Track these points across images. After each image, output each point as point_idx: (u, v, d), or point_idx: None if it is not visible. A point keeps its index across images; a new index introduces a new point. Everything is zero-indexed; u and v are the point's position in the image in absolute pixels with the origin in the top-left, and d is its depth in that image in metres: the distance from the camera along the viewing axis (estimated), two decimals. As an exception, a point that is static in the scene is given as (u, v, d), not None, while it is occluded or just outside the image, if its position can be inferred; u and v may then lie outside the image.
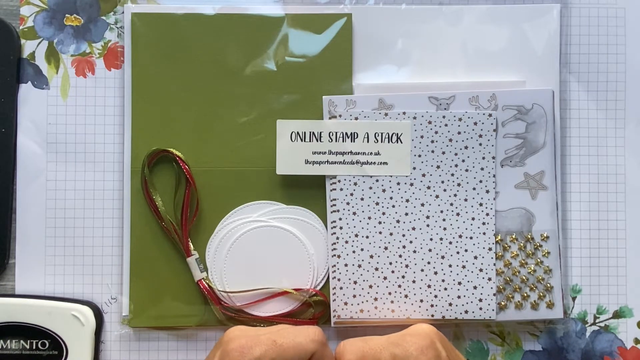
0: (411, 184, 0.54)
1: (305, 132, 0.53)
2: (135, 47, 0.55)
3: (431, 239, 0.54)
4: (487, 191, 0.54)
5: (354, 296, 0.53)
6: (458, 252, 0.54)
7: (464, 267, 0.54)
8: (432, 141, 0.54)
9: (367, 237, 0.54)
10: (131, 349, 0.55)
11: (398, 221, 0.54)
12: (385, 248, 0.53)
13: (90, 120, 0.55)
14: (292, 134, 0.53)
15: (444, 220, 0.54)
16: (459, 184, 0.54)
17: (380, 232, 0.54)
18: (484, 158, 0.54)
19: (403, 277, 0.53)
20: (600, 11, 0.56)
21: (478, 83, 0.55)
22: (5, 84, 0.55)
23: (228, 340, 0.43)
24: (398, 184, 0.54)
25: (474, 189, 0.54)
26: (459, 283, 0.53)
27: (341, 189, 0.54)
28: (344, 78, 0.55)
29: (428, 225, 0.54)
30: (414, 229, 0.54)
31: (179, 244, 0.54)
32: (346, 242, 0.54)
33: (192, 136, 0.55)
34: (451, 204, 0.54)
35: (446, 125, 0.53)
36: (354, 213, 0.54)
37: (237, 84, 0.55)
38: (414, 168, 0.54)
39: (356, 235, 0.54)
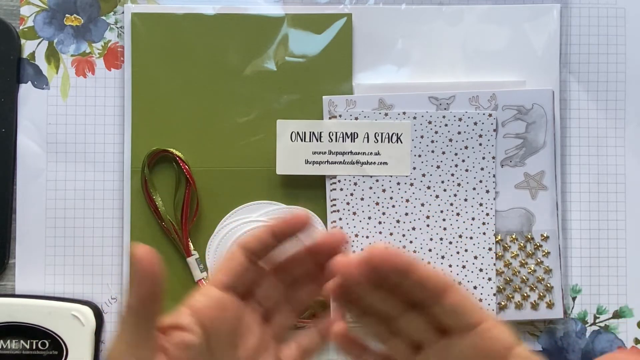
0: (411, 184, 0.54)
1: (305, 132, 0.53)
2: (135, 47, 0.55)
3: (431, 239, 0.54)
4: (487, 191, 0.54)
5: (354, 296, 0.53)
6: (458, 252, 0.53)
7: (464, 267, 0.53)
8: (432, 141, 0.54)
9: (367, 237, 0.53)
10: (131, 349, 0.55)
11: (398, 221, 0.53)
12: (385, 248, 0.53)
13: (90, 120, 0.55)
14: (292, 134, 0.53)
15: (444, 220, 0.54)
16: (459, 184, 0.54)
17: (380, 232, 0.53)
18: (484, 158, 0.54)
19: (403, 277, 0.53)
20: (600, 11, 0.56)
21: (478, 83, 0.55)
22: (5, 84, 0.55)
23: None
24: (398, 184, 0.54)
25: (474, 189, 0.54)
26: (459, 283, 0.53)
27: (341, 189, 0.54)
28: (344, 78, 0.55)
29: (428, 225, 0.54)
30: (414, 229, 0.54)
31: (179, 244, 0.54)
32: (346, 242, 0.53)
33: (192, 136, 0.55)
34: (451, 204, 0.54)
35: (446, 125, 0.53)
36: (354, 213, 0.54)
37: (237, 84, 0.55)
38: (414, 168, 0.54)
39: (356, 235, 0.53)
